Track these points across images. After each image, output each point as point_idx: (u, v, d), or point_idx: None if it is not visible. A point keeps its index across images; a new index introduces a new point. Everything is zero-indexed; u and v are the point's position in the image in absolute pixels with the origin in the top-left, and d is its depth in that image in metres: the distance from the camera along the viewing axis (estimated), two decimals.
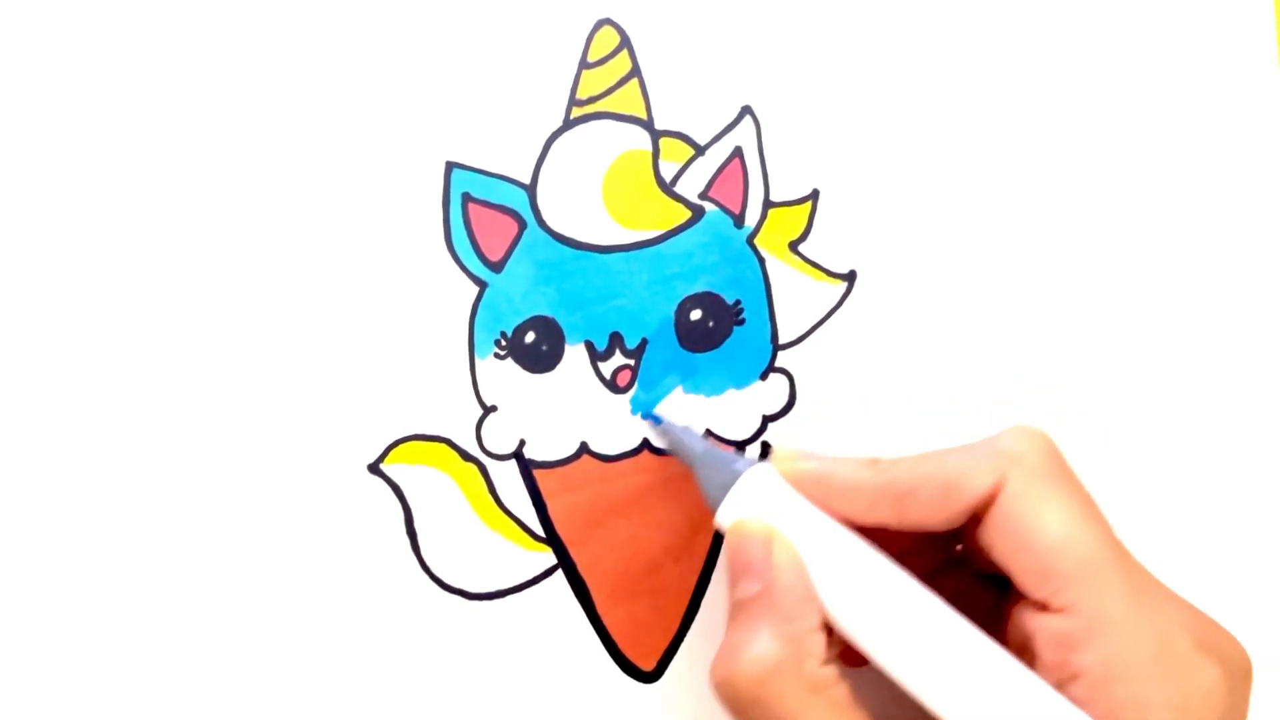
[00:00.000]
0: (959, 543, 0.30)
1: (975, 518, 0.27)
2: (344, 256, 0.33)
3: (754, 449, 0.34)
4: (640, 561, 0.34)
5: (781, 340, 0.34)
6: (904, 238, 0.34)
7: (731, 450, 0.30)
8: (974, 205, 0.35)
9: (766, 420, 0.34)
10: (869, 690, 0.27)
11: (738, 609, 0.28)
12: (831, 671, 0.26)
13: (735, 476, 0.29)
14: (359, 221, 0.33)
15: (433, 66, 0.33)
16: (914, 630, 0.26)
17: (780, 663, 0.26)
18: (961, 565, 0.31)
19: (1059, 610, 0.26)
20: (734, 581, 0.28)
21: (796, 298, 0.34)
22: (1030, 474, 0.27)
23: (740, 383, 0.34)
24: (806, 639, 0.26)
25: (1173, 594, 0.27)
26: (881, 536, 0.28)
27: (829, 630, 0.27)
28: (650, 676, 0.34)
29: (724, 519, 0.29)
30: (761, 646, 0.26)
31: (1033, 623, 0.26)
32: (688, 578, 0.34)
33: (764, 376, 0.34)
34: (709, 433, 0.34)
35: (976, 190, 0.35)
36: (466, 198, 0.33)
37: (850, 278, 0.34)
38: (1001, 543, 0.26)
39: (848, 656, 0.27)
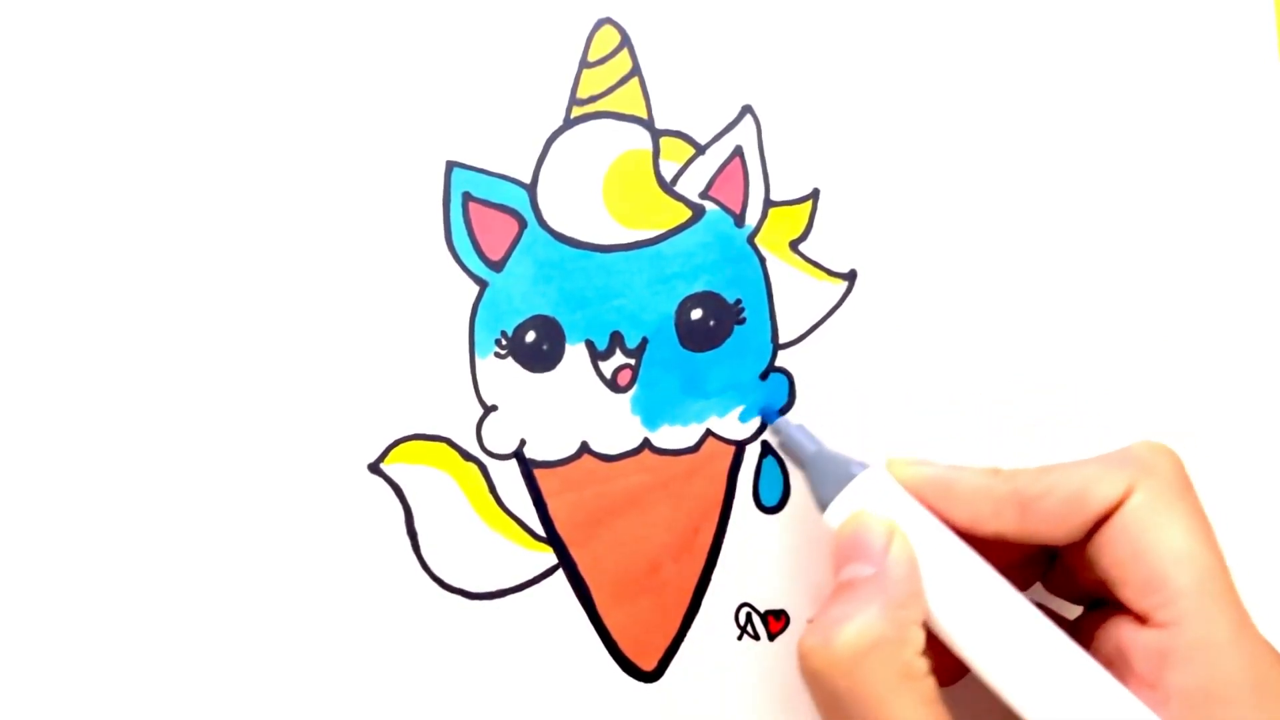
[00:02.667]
0: (1043, 573, 0.30)
1: (1089, 531, 0.27)
2: (344, 256, 0.33)
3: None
4: (640, 561, 0.34)
5: (782, 339, 0.34)
6: (904, 237, 0.34)
7: (845, 454, 0.30)
8: (974, 205, 0.35)
9: (766, 420, 0.34)
10: (950, 703, 0.27)
11: (844, 587, 0.27)
12: (925, 664, 0.26)
13: (850, 477, 0.29)
14: (359, 221, 0.33)
15: (433, 66, 0.33)
16: (1017, 641, 0.26)
17: (883, 640, 0.26)
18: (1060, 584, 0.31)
19: (1161, 625, 0.26)
20: (841, 565, 0.28)
21: (797, 297, 0.34)
22: (1159, 487, 0.27)
23: (740, 382, 0.34)
24: (910, 627, 0.26)
25: (1260, 634, 0.27)
26: (980, 552, 0.28)
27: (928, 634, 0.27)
28: (650, 676, 0.34)
29: (835, 516, 0.29)
30: (868, 620, 0.26)
31: (1130, 636, 0.26)
32: (688, 577, 0.34)
33: (764, 376, 0.34)
34: None
35: (977, 190, 0.35)
36: (467, 197, 0.33)
37: (851, 277, 0.34)
38: (1116, 550, 0.26)
39: (938, 675, 0.27)
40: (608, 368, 0.34)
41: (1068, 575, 0.30)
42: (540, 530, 0.34)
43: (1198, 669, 0.25)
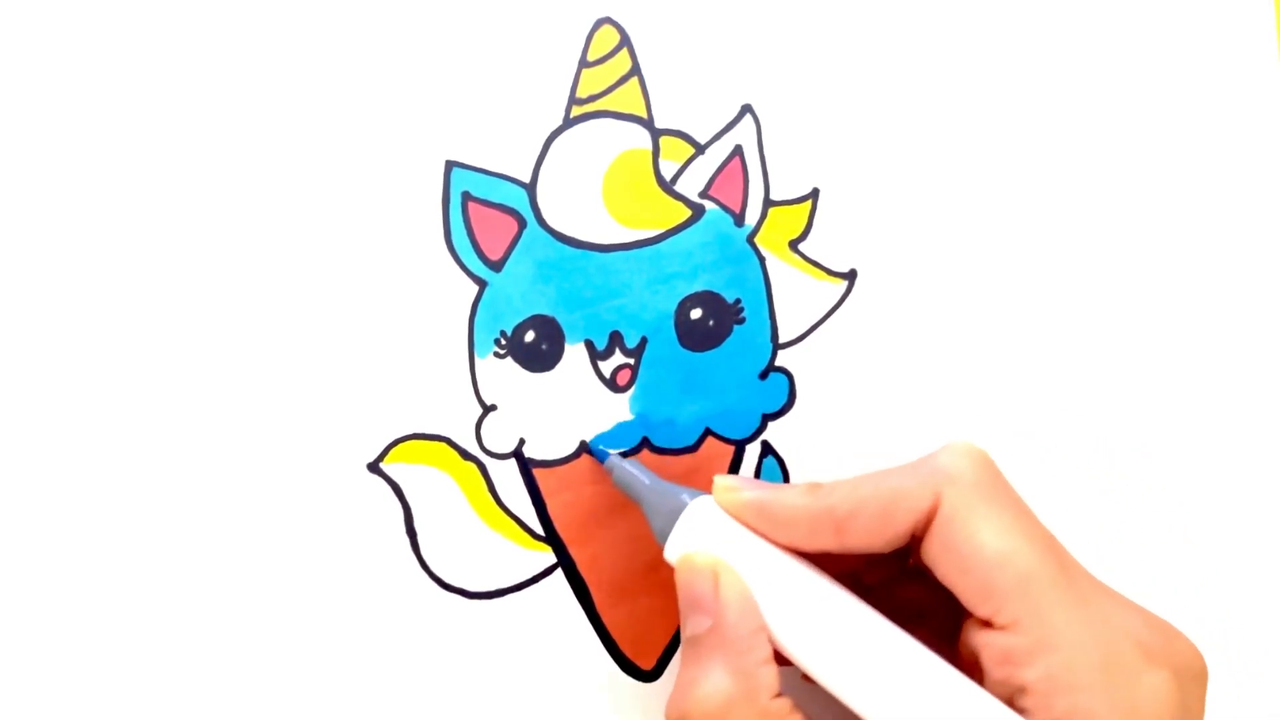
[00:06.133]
0: (911, 556, 0.30)
1: (916, 537, 0.27)
2: (344, 255, 0.33)
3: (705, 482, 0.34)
4: (640, 560, 0.34)
5: (781, 339, 0.34)
6: (904, 237, 0.34)
7: (678, 485, 0.30)
8: (974, 204, 0.35)
9: (766, 419, 0.34)
10: (827, 718, 0.27)
11: (689, 645, 0.28)
12: (784, 704, 0.27)
13: (681, 509, 0.29)
14: (359, 221, 0.33)
15: (433, 66, 0.33)
16: (860, 654, 0.26)
17: (732, 699, 0.26)
18: (923, 573, 0.31)
19: (1003, 627, 0.26)
20: (684, 617, 0.28)
21: (797, 297, 0.34)
22: (965, 492, 0.27)
23: (740, 382, 0.34)
24: (757, 672, 0.27)
25: (1123, 601, 0.27)
26: (835, 554, 0.28)
27: (781, 660, 0.27)
28: (650, 675, 0.34)
29: (671, 554, 0.29)
30: (713, 683, 0.26)
31: (980, 639, 0.26)
32: None
33: (764, 375, 0.34)
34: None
35: (977, 189, 0.35)
36: (466, 197, 0.33)
37: (851, 276, 0.34)
38: (942, 562, 0.27)
39: (805, 675, 0.27)
40: (607, 367, 0.34)
41: (928, 573, 0.30)
42: (539, 529, 0.34)
43: (1041, 664, 0.25)
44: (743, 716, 0.26)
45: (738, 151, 0.34)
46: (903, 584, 0.30)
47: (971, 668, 0.26)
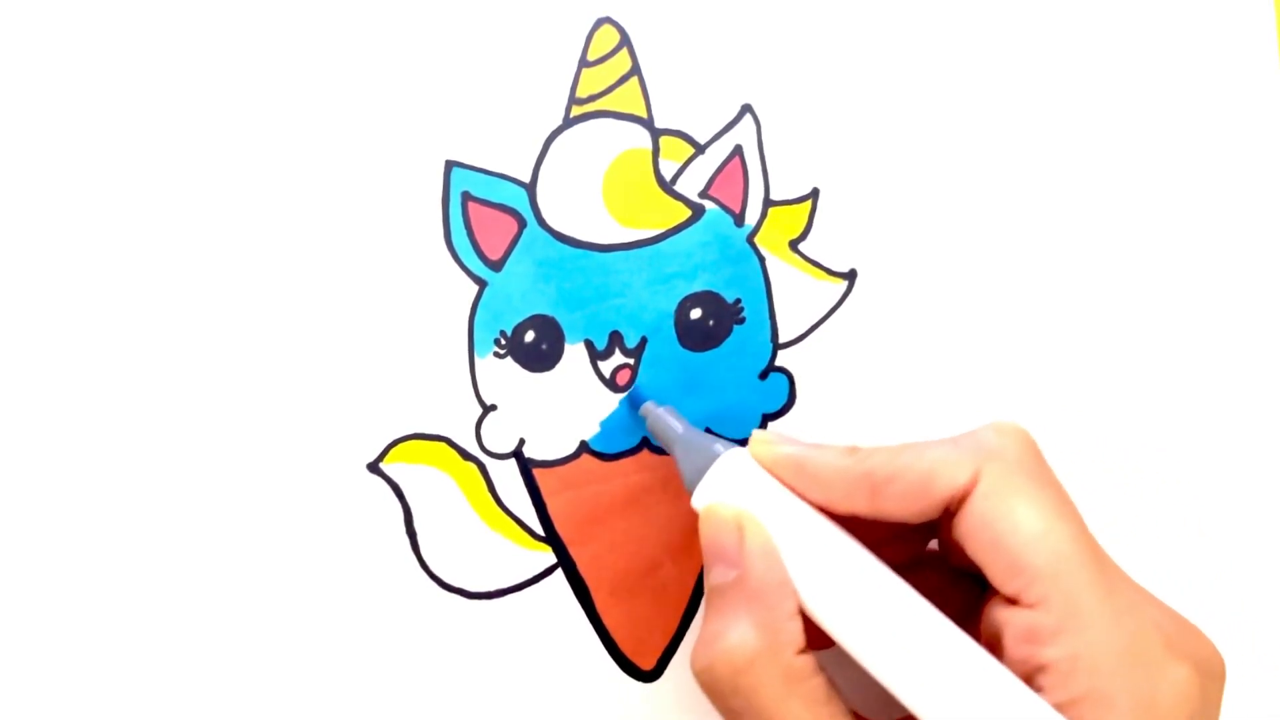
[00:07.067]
0: (933, 537, 0.30)
1: (950, 512, 0.27)
2: (344, 255, 0.33)
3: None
4: (640, 561, 0.34)
5: (782, 339, 0.34)
6: (904, 237, 0.34)
7: (712, 435, 0.30)
8: (974, 204, 0.35)
9: (766, 419, 0.34)
10: (845, 680, 0.27)
11: (713, 595, 0.28)
12: (808, 661, 0.26)
13: (712, 459, 0.29)
14: (359, 220, 0.33)
15: (433, 66, 0.33)
16: (883, 617, 0.26)
17: (757, 652, 0.26)
18: (940, 560, 0.31)
19: (1029, 605, 0.26)
20: (708, 568, 0.28)
21: (797, 296, 0.34)
22: (1006, 470, 0.27)
23: (740, 382, 0.34)
24: (782, 627, 0.26)
25: (1147, 594, 0.27)
26: (859, 525, 0.28)
27: (805, 617, 0.27)
28: (650, 675, 0.34)
29: (699, 502, 0.29)
30: (738, 635, 0.26)
31: (1003, 617, 0.26)
32: (687, 577, 0.34)
33: (764, 375, 0.34)
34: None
35: (977, 189, 0.35)
36: (466, 196, 0.33)
37: (850, 276, 0.34)
38: (975, 537, 0.26)
39: (818, 639, 0.27)
40: (607, 367, 0.34)
41: (950, 554, 0.30)
42: (539, 530, 0.34)
43: (1064, 643, 0.25)
44: (767, 670, 0.26)
45: (738, 151, 0.34)
46: (920, 569, 0.30)
47: (991, 648, 0.26)
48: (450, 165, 0.33)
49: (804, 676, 0.26)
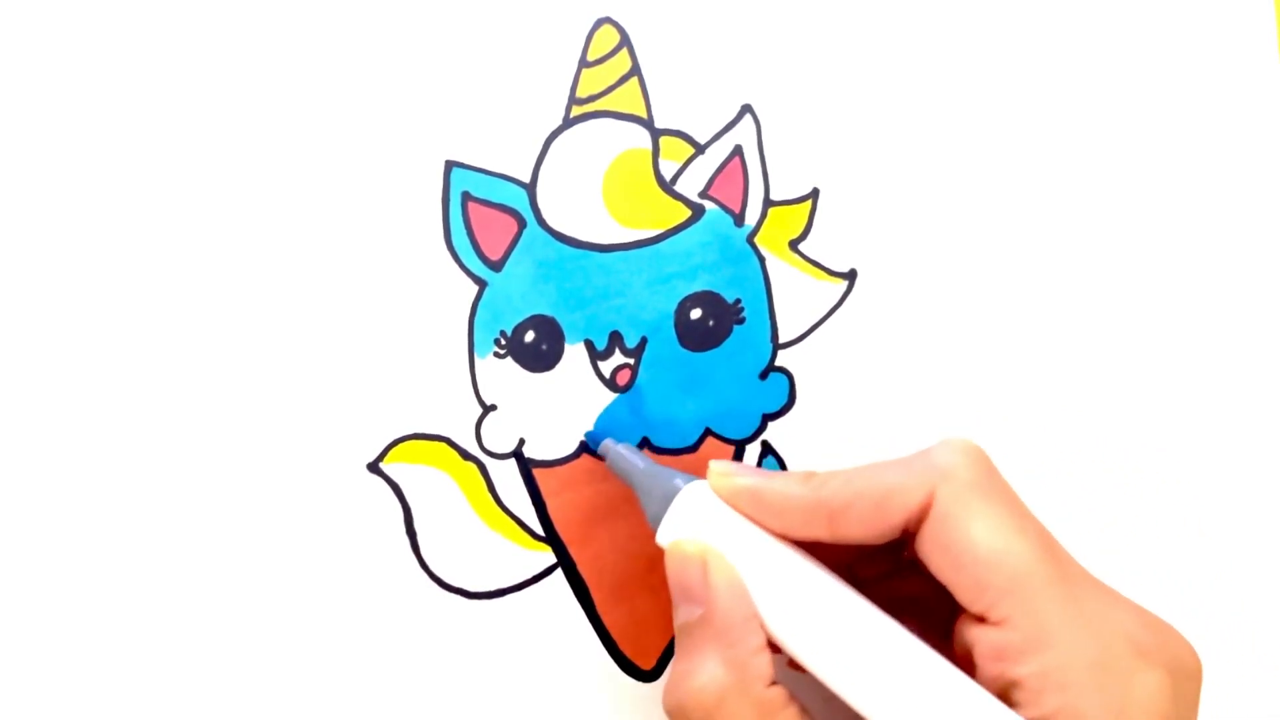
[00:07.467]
0: (905, 549, 0.30)
1: (909, 532, 0.27)
2: (344, 255, 0.33)
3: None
4: (640, 560, 0.34)
5: (782, 339, 0.34)
6: (904, 237, 0.34)
7: (673, 469, 0.30)
8: (974, 204, 0.35)
9: (766, 419, 0.34)
10: (820, 706, 0.27)
11: (682, 634, 0.28)
12: (779, 693, 0.26)
13: (674, 494, 0.29)
14: (359, 221, 0.33)
15: (433, 66, 0.33)
16: (851, 643, 0.26)
17: (727, 689, 0.26)
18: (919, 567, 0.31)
19: (996, 623, 0.26)
20: (676, 606, 0.28)
21: (797, 296, 0.34)
22: (959, 489, 0.26)
23: (740, 382, 0.34)
24: (751, 661, 0.26)
25: (1119, 599, 0.27)
26: (830, 545, 0.28)
27: (774, 648, 0.27)
28: (650, 675, 0.34)
29: (663, 539, 0.29)
30: (708, 673, 0.26)
31: (974, 634, 0.26)
32: None
33: (764, 375, 0.34)
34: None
35: (977, 189, 0.35)
36: (466, 196, 0.33)
37: (851, 276, 0.34)
38: (935, 558, 0.26)
39: (794, 663, 0.27)
40: (607, 367, 0.34)
41: (922, 568, 0.30)
42: (539, 530, 0.34)
43: (1034, 661, 0.25)
44: (738, 707, 0.26)
45: (737, 151, 0.34)
46: (898, 578, 0.30)
47: (965, 662, 0.26)
48: (450, 165, 0.33)
49: (776, 709, 0.26)
